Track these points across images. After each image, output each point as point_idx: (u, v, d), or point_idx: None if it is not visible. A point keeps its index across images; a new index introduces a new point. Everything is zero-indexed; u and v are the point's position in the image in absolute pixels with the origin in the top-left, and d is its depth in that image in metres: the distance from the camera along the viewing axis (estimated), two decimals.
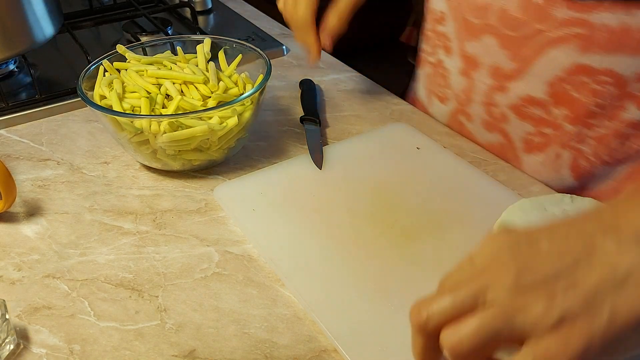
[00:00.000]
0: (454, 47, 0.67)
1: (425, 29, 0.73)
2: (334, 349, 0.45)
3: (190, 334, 0.47)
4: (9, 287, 0.51)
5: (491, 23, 0.60)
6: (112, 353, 0.45)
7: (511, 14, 0.58)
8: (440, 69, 0.71)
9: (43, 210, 0.60)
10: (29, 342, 0.46)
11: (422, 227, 0.56)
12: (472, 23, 0.63)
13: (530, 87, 0.61)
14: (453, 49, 0.67)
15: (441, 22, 0.68)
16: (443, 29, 0.68)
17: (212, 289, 0.51)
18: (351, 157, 0.66)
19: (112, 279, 0.52)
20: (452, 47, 0.67)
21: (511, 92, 0.63)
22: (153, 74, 0.63)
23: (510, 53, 0.60)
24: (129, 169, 0.66)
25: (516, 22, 0.58)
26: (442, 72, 0.71)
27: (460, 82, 0.68)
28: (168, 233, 0.57)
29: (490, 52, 0.62)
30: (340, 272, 0.51)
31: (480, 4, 0.61)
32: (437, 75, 0.73)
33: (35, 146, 0.70)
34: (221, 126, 0.59)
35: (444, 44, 0.69)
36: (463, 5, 0.63)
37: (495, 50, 0.61)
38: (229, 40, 0.70)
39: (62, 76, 0.84)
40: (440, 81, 0.72)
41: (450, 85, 0.71)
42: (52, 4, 0.79)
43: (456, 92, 0.70)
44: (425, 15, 0.73)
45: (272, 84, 0.83)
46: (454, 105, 0.72)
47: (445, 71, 0.70)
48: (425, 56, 0.75)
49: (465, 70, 0.67)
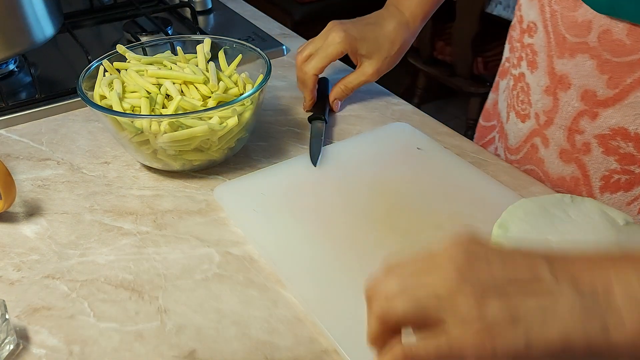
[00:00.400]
0: (540, 62, 0.62)
1: (512, 37, 0.69)
2: (335, 351, 0.45)
3: (191, 336, 0.46)
4: (9, 288, 0.51)
5: (590, 43, 0.55)
6: (112, 354, 0.45)
7: (616, 37, 0.53)
8: (522, 83, 0.66)
9: (43, 211, 0.60)
10: (28, 343, 0.46)
11: (423, 228, 0.56)
12: (567, 39, 0.57)
13: (624, 119, 0.55)
14: (539, 64, 0.62)
15: (530, 34, 0.62)
16: (530, 41, 0.63)
17: (213, 290, 0.50)
18: (351, 157, 0.66)
19: (112, 279, 0.52)
20: (538, 62, 0.62)
21: (601, 120, 0.57)
22: (153, 74, 0.62)
23: (608, 78, 0.55)
24: (129, 169, 0.66)
25: (620, 47, 0.53)
26: (524, 87, 0.66)
27: (544, 101, 0.63)
28: (168, 234, 0.57)
29: (584, 73, 0.57)
30: (341, 273, 0.51)
31: (581, 21, 0.55)
32: (518, 90, 0.67)
33: (35, 146, 0.70)
34: (221, 126, 0.59)
35: (530, 58, 0.63)
36: (560, 18, 0.58)
37: (590, 72, 0.56)
38: (229, 40, 0.70)
39: (62, 76, 0.84)
40: (521, 96, 0.67)
41: (531, 103, 0.65)
42: (52, 3, 0.78)
43: (537, 111, 0.64)
44: (514, 22, 0.68)
45: (272, 84, 0.82)
46: (532, 125, 0.66)
47: (527, 87, 0.65)
48: (509, 67, 0.71)
49: (551, 88, 0.61)
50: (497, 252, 0.33)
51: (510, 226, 0.44)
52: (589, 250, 0.33)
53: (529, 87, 0.65)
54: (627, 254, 0.32)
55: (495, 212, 0.53)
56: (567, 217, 0.45)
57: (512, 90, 0.69)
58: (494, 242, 0.44)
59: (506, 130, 0.72)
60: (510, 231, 0.43)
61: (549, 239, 0.42)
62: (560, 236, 0.43)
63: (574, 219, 0.44)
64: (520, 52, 0.66)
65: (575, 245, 0.41)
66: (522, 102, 0.67)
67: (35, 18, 0.76)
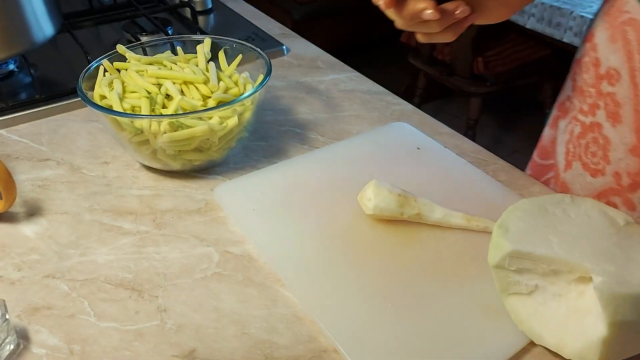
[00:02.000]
0: (625, 116, 0.53)
1: (582, 79, 0.60)
2: (334, 349, 0.45)
3: (190, 335, 0.47)
4: (9, 287, 0.51)
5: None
6: (112, 353, 0.45)
7: None
8: (597, 134, 0.57)
9: (43, 210, 0.60)
10: (29, 342, 0.46)
11: (422, 227, 0.56)
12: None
13: None
14: (623, 118, 0.54)
15: (611, 82, 0.54)
16: (611, 90, 0.54)
17: (212, 289, 0.51)
18: (351, 157, 0.66)
19: (112, 279, 0.52)
20: (622, 116, 0.54)
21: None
22: (153, 74, 0.63)
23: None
24: (129, 169, 0.66)
25: None
26: (600, 140, 0.57)
27: (627, 162, 0.54)
28: (168, 233, 0.57)
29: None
30: (340, 272, 0.51)
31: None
32: (589, 140, 0.59)
33: (35, 146, 0.70)
34: (221, 126, 0.59)
35: (611, 109, 0.55)
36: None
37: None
38: (229, 40, 0.70)
39: (62, 76, 0.84)
40: (592, 148, 0.58)
41: (609, 160, 0.56)
42: (51, 4, 0.79)
43: (617, 171, 0.56)
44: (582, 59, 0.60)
45: (272, 84, 0.83)
46: (608, 183, 0.58)
47: (606, 141, 0.56)
48: (576, 112, 0.61)
49: (638, 149, 0.53)
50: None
51: (510, 226, 0.44)
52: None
53: (607, 141, 0.56)
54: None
55: (495, 212, 0.53)
56: (567, 217, 0.44)
57: (578, 138, 0.61)
58: (494, 242, 0.44)
59: (564, 179, 0.64)
60: (510, 231, 0.43)
61: (549, 239, 0.42)
62: (560, 236, 0.43)
63: (574, 218, 0.44)
64: (595, 100, 0.57)
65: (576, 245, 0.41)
66: (593, 154, 0.58)
67: (35, 18, 0.76)
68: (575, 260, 0.40)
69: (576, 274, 0.41)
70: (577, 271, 0.41)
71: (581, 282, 0.41)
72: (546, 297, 0.43)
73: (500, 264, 0.43)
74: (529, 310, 0.43)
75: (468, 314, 0.47)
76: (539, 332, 0.43)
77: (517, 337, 0.45)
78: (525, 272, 0.43)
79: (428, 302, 0.48)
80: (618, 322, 0.38)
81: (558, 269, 0.42)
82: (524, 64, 2.00)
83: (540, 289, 0.43)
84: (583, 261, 0.40)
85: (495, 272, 0.44)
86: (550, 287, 0.43)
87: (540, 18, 1.80)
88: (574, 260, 0.41)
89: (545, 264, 0.42)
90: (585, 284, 0.41)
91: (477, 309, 0.47)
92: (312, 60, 0.91)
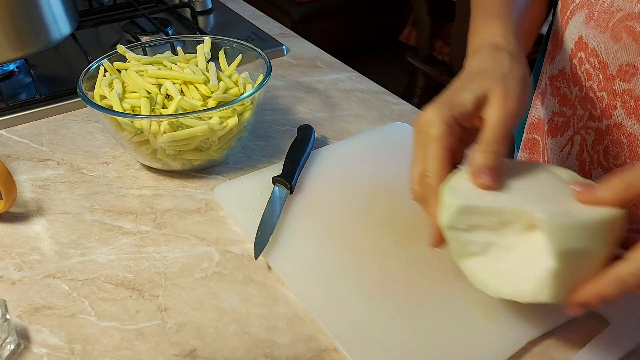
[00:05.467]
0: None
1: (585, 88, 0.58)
2: (334, 348, 0.45)
3: (191, 334, 0.47)
4: (10, 287, 0.51)
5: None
6: (113, 353, 0.45)
7: None
8: (617, 135, 0.55)
9: (43, 211, 0.60)
10: (29, 342, 0.46)
11: (421, 227, 0.56)
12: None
13: None
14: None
15: (625, 78, 0.52)
16: (627, 87, 0.53)
17: (213, 289, 0.51)
18: (350, 156, 0.66)
19: (112, 278, 0.52)
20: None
21: None
22: (153, 74, 0.63)
23: None
24: (129, 169, 0.66)
25: None
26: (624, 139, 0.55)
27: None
28: (168, 233, 0.57)
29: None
30: (340, 271, 0.51)
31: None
32: (608, 143, 0.57)
33: (36, 146, 0.70)
34: (221, 126, 0.59)
35: (630, 105, 0.53)
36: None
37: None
38: (229, 40, 0.70)
39: (62, 76, 0.84)
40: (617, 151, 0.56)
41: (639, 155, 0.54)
42: (68, 2, 0.79)
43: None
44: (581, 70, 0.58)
45: (272, 84, 0.83)
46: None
47: (631, 138, 0.54)
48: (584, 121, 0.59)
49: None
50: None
51: (456, 185, 0.44)
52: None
53: (634, 138, 0.54)
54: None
55: None
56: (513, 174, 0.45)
57: (594, 145, 0.58)
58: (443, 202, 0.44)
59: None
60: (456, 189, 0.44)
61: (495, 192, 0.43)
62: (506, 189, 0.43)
63: (520, 175, 0.45)
64: (608, 101, 0.55)
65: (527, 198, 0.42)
66: (615, 156, 0.56)
67: (52, 16, 0.76)
68: (521, 207, 0.41)
69: (524, 222, 0.41)
70: (524, 218, 0.41)
71: (529, 231, 0.42)
72: (499, 252, 0.43)
73: (451, 223, 0.43)
74: (485, 269, 0.43)
75: (468, 313, 0.47)
76: (496, 287, 0.43)
77: (517, 336, 0.45)
78: (476, 229, 0.43)
79: (428, 301, 0.48)
80: (564, 251, 0.39)
81: (506, 219, 0.42)
82: None
83: (493, 245, 0.43)
84: (526, 207, 0.41)
85: (449, 234, 0.44)
86: (501, 240, 0.43)
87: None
88: (519, 208, 0.41)
89: (493, 216, 0.42)
90: (533, 231, 0.41)
91: (478, 308, 0.47)
92: (312, 60, 0.91)
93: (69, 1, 0.79)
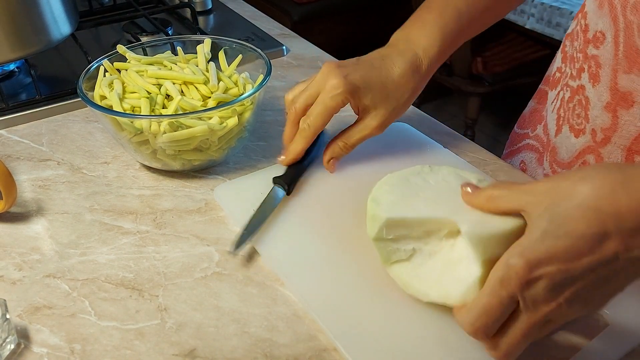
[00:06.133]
0: (603, 76, 0.56)
1: (571, 46, 0.64)
2: (334, 348, 0.45)
3: (191, 333, 0.47)
4: (10, 287, 0.51)
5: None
6: (113, 352, 0.45)
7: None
8: (581, 96, 0.61)
9: (43, 211, 0.60)
10: (29, 342, 0.46)
11: None
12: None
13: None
14: (602, 78, 0.57)
15: (596, 44, 0.57)
16: (595, 52, 0.57)
17: (212, 288, 0.51)
18: (350, 156, 0.66)
19: (112, 278, 0.52)
20: (601, 76, 0.57)
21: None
22: (153, 74, 0.63)
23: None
24: (129, 169, 0.66)
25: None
26: (583, 101, 0.60)
27: (602, 118, 0.58)
28: (168, 233, 0.57)
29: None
30: (340, 271, 0.51)
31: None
32: (575, 103, 0.62)
33: (36, 146, 0.70)
34: (221, 126, 0.59)
35: (593, 70, 0.58)
36: (636, 30, 0.52)
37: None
38: (229, 41, 0.70)
39: (62, 76, 0.84)
40: (577, 110, 0.62)
41: (588, 118, 0.60)
42: (68, 2, 0.79)
43: (594, 127, 0.59)
44: (574, 29, 0.64)
45: (272, 84, 0.83)
46: (586, 142, 0.61)
47: (586, 101, 0.60)
48: (560, 77, 0.66)
49: (612, 105, 0.56)
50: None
51: (381, 199, 0.48)
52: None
53: (588, 101, 0.59)
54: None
55: None
56: (427, 184, 0.49)
57: (567, 102, 0.64)
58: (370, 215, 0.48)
59: (555, 144, 0.67)
60: (382, 203, 0.47)
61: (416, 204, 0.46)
62: (424, 200, 0.47)
63: (433, 184, 0.49)
64: (581, 63, 0.61)
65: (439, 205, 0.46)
66: (577, 116, 0.62)
67: (53, 16, 0.76)
68: (442, 216, 0.44)
69: (445, 230, 0.45)
70: (446, 226, 0.45)
71: (451, 237, 0.45)
72: (424, 258, 0.46)
73: (379, 235, 0.47)
74: (411, 274, 0.47)
75: None
76: (424, 291, 0.46)
77: None
78: (402, 239, 0.47)
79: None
80: (488, 259, 0.41)
81: (429, 229, 0.45)
82: (522, 64, 2.00)
83: (418, 252, 0.46)
84: (448, 216, 0.44)
85: (376, 244, 0.48)
86: (425, 247, 0.46)
87: (540, 18, 1.80)
88: (440, 217, 0.45)
89: (417, 226, 0.46)
90: (454, 237, 0.45)
91: None
92: (312, 60, 0.91)
93: (69, 1, 0.79)
